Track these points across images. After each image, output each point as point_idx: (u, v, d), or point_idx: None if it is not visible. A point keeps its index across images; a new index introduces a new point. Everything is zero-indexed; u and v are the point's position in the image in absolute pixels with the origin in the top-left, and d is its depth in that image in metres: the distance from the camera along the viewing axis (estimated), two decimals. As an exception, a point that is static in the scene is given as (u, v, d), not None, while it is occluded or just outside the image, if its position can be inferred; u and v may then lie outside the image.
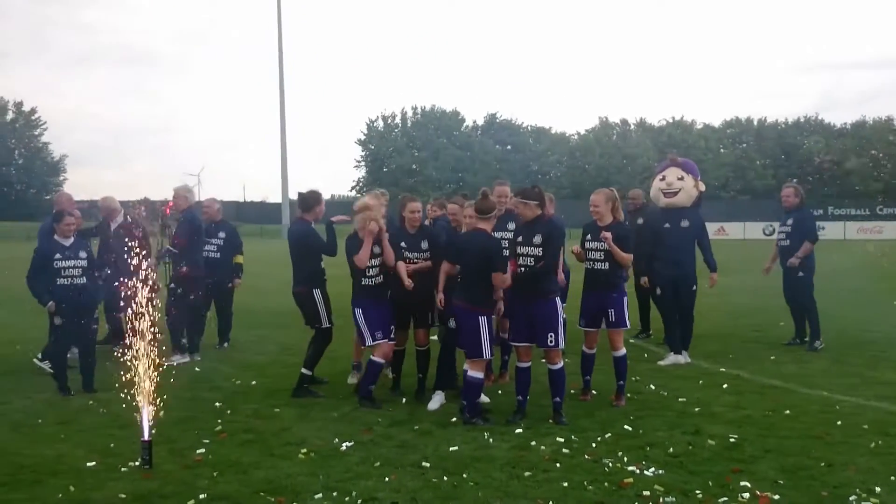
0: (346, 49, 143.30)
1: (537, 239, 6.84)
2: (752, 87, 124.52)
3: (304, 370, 7.95)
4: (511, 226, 7.82)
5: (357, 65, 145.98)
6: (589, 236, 7.62)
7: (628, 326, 7.81)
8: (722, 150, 77.88)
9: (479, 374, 6.91)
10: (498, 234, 7.41)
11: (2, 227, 57.33)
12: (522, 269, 6.93)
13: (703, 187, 9.73)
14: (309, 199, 8.25)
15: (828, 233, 49.88)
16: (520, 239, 7.01)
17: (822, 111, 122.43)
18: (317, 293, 7.94)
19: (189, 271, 9.58)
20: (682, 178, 9.60)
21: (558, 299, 7.02)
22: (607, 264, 7.50)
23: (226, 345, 10.89)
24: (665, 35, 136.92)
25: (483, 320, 6.87)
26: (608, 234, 7.41)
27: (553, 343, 6.88)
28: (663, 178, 9.75)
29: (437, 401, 7.48)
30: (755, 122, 79.86)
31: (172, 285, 9.67)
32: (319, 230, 8.11)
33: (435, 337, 8.16)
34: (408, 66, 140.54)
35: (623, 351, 7.62)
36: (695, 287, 9.50)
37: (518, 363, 7.09)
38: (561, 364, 6.99)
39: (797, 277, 10.32)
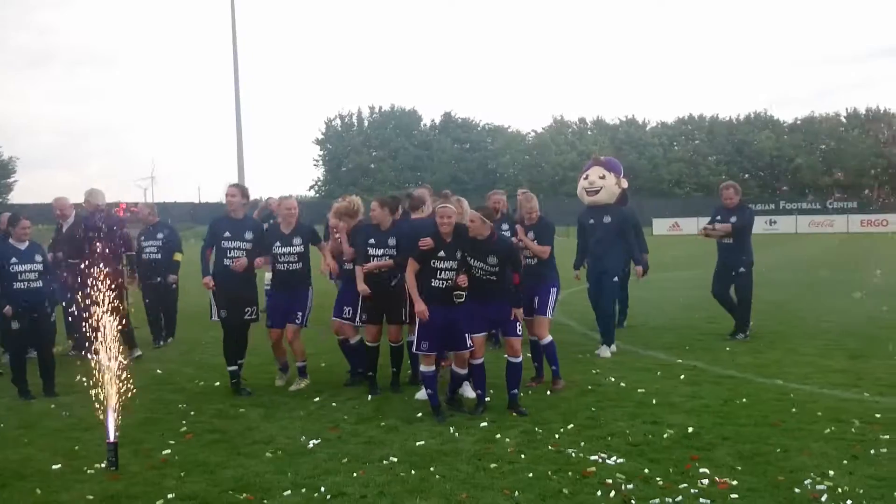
0: (303, 48, 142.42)
1: (492, 259, 7.03)
2: (704, 85, 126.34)
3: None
4: (505, 226, 8.46)
5: (314, 64, 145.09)
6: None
7: (549, 316, 8.14)
8: (675, 147, 78.99)
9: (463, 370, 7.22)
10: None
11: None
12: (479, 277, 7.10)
13: (625, 184, 9.99)
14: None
15: (780, 227, 51.12)
16: (472, 255, 7.07)
17: (771, 107, 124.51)
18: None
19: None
20: (603, 177, 9.86)
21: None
22: (535, 259, 8.16)
23: (170, 340, 11.31)
24: (619, 35, 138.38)
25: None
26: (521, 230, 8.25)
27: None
28: (586, 177, 10.04)
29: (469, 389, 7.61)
30: (707, 119, 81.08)
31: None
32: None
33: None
34: (365, 64, 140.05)
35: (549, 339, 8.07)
36: (616, 279, 9.87)
37: (472, 359, 7.22)
38: (520, 358, 7.21)
39: (739, 273, 10.59)
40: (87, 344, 6.03)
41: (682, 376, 8.35)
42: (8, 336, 8.26)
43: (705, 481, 5.19)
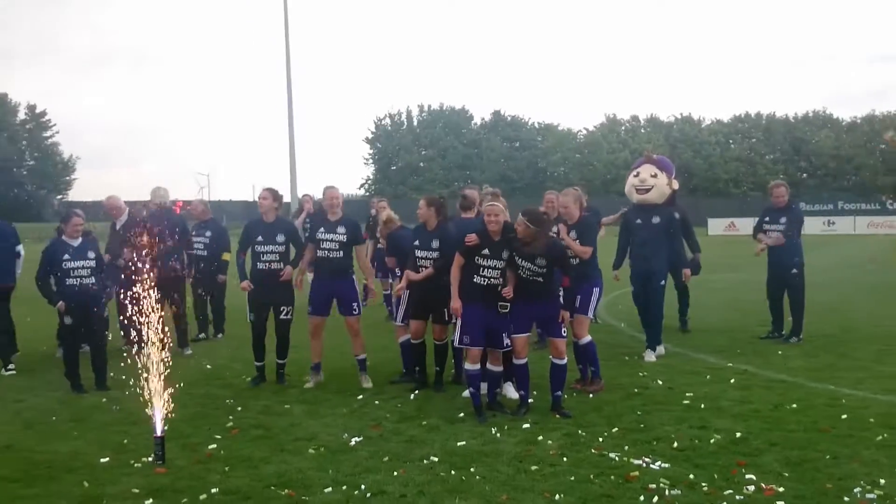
0: (354, 47, 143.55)
1: (541, 261, 6.98)
2: (761, 82, 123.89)
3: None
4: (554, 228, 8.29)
5: (365, 63, 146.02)
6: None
7: (590, 316, 8.10)
8: (732, 146, 77.63)
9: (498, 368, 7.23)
10: None
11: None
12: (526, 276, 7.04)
13: (676, 185, 9.77)
14: None
15: (838, 227, 49.88)
16: (519, 256, 7.05)
17: (830, 106, 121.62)
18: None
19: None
20: (655, 176, 9.63)
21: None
22: (576, 259, 7.86)
23: (220, 336, 11.51)
24: (672, 30, 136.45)
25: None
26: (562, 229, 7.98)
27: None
28: (637, 175, 9.80)
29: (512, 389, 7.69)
30: (764, 118, 79.48)
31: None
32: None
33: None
34: (416, 63, 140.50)
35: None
36: (663, 282, 9.59)
37: (515, 360, 7.18)
38: (565, 360, 7.15)
39: (791, 275, 10.39)
40: (136, 339, 6.13)
41: (732, 380, 8.20)
42: (61, 331, 8.45)
43: (751, 487, 5.09)
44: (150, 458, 5.81)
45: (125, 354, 7.40)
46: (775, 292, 10.67)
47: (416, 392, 7.84)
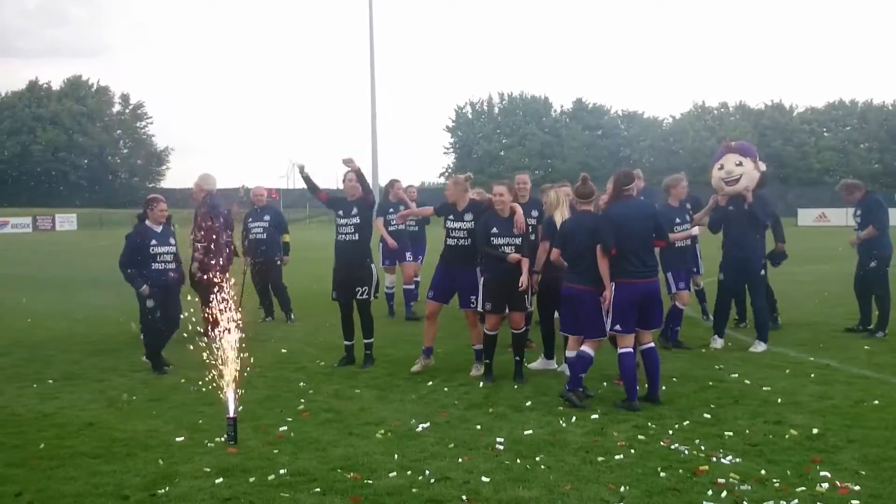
0: (436, 36, 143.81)
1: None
2: (857, 68, 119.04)
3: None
4: (535, 213, 8.49)
5: (446, 52, 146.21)
6: None
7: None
8: (825, 134, 74.85)
9: (593, 351, 7.07)
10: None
11: (107, 214, 60.15)
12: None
13: (763, 167, 9.46)
14: None
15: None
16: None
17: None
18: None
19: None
20: (740, 164, 9.33)
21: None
22: None
23: (293, 317, 11.84)
24: (762, 16, 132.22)
25: (600, 299, 7.01)
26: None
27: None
28: (721, 167, 9.49)
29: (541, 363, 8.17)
30: (859, 105, 76.31)
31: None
32: None
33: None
34: (497, 52, 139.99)
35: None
36: (763, 271, 9.41)
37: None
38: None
39: (869, 268, 10.10)
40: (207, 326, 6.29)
41: (812, 375, 7.92)
42: (143, 315, 8.69)
43: (825, 485, 4.91)
44: (223, 439, 5.97)
45: (203, 337, 7.62)
46: (857, 285, 10.40)
47: (482, 384, 7.80)
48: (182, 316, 8.49)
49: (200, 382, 6.84)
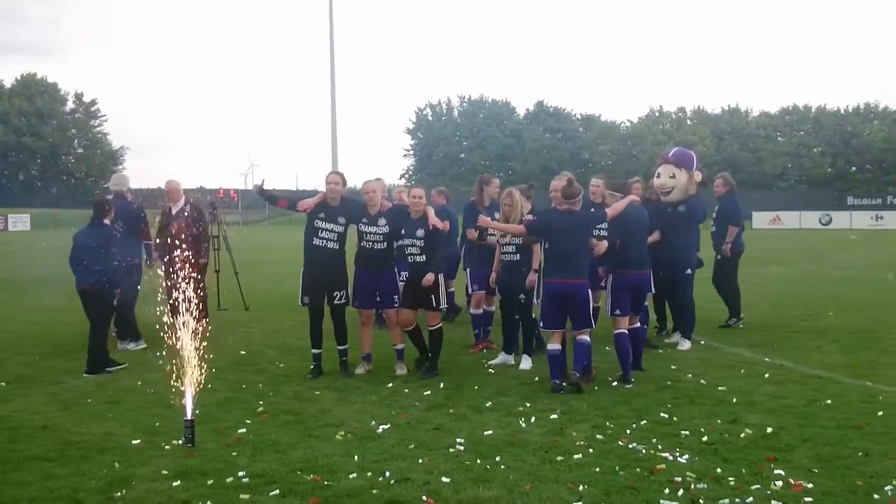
0: (397, 38, 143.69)
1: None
2: (810, 74, 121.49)
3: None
4: (497, 215, 8.92)
5: (407, 54, 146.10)
6: None
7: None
8: (779, 139, 76.20)
9: (588, 338, 7.65)
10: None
11: (62, 215, 59.05)
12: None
13: (699, 178, 9.54)
14: None
15: (887, 222, 48.89)
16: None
17: (883, 98, 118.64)
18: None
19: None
20: (673, 176, 9.46)
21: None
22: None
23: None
24: (720, 21, 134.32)
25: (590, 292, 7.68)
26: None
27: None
28: (658, 177, 9.67)
29: (527, 362, 8.55)
30: (813, 110, 77.85)
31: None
32: None
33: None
34: (458, 55, 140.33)
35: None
36: (689, 271, 9.56)
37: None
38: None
39: (718, 261, 11.00)
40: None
41: (767, 375, 8.06)
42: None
43: (779, 483, 4.99)
44: (181, 441, 5.90)
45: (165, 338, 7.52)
46: (714, 281, 11.28)
47: (443, 384, 7.84)
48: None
49: (157, 386, 6.75)
